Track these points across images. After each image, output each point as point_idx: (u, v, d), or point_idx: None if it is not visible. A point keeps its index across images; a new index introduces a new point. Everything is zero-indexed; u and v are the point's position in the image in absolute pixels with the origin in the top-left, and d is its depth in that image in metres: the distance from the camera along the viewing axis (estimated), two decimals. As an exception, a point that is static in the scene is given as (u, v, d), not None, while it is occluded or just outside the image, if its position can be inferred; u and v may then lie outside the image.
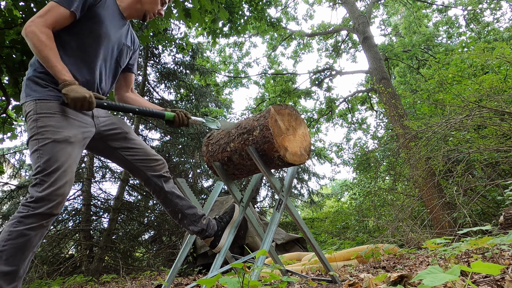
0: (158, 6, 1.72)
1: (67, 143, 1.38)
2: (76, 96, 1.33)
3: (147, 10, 1.70)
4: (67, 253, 7.82)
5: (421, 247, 4.10)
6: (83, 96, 1.34)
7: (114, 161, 1.69)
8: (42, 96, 1.39)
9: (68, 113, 1.43)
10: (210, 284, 1.17)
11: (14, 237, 1.24)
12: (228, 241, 1.92)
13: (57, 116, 1.39)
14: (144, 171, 1.68)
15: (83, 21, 1.49)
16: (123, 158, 1.65)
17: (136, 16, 1.71)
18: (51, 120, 1.38)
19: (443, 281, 0.80)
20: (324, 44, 15.10)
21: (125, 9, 1.65)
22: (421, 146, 5.68)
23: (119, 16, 1.63)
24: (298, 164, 2.01)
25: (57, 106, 1.40)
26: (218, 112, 13.54)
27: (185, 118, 1.69)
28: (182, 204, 1.75)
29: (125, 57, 1.71)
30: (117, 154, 1.65)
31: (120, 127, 1.64)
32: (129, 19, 1.70)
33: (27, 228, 1.25)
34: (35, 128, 1.36)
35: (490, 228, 1.77)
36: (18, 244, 1.24)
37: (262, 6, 6.78)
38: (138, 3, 1.67)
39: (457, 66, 7.75)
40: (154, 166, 1.70)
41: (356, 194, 11.44)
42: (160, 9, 1.75)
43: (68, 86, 1.34)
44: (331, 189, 20.95)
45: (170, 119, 1.67)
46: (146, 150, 1.70)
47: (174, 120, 1.67)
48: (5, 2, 3.74)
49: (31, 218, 1.27)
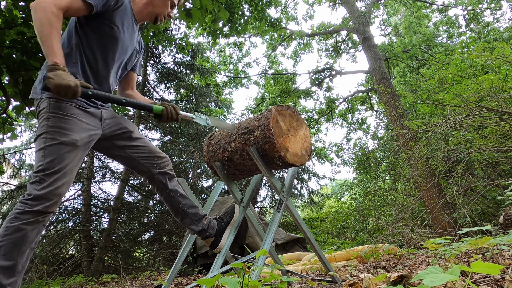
0: (168, 8, 1.74)
1: (74, 147, 1.41)
2: (61, 83, 1.26)
3: (158, 14, 1.72)
4: (67, 253, 7.82)
5: (421, 247, 4.11)
6: (67, 84, 1.27)
7: (119, 159, 1.70)
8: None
9: (78, 115, 1.45)
10: (210, 284, 1.17)
11: (11, 232, 1.27)
12: (228, 241, 1.92)
13: (68, 118, 1.41)
14: (149, 168, 1.69)
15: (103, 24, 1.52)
16: (128, 156, 1.67)
17: (148, 19, 1.74)
18: (62, 121, 1.40)
19: (443, 281, 0.80)
20: (324, 44, 15.11)
21: (138, 13, 1.68)
22: (421, 146, 5.68)
23: (133, 20, 1.66)
24: (298, 164, 2.01)
25: (69, 108, 1.43)
26: (218, 112, 13.54)
27: (174, 112, 1.65)
28: (184, 202, 1.77)
29: (134, 59, 1.76)
30: (122, 152, 1.66)
31: (125, 126, 1.67)
32: (140, 22, 1.73)
33: (23, 223, 1.28)
34: (46, 126, 1.39)
35: (490, 228, 1.77)
36: (15, 238, 1.27)
37: (262, 6, 6.78)
38: (150, 6, 1.69)
39: (457, 66, 7.76)
40: (159, 163, 1.72)
41: (356, 194, 11.44)
42: (170, 12, 1.77)
43: (55, 71, 1.27)
44: (331, 189, 20.96)
45: (158, 113, 1.63)
46: (150, 148, 1.72)
47: (162, 114, 1.64)
48: (5, 2, 3.74)
49: (27, 215, 1.30)
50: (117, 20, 1.55)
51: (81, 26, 1.52)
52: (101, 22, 1.52)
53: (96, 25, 1.52)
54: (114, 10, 1.54)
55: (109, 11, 1.52)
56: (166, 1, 1.73)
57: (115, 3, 1.53)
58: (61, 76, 1.27)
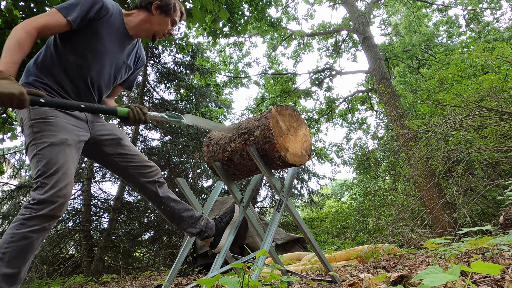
0: (168, 26, 1.69)
1: (65, 145, 1.39)
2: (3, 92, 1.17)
3: (156, 31, 1.68)
4: (67, 253, 7.83)
5: (421, 247, 4.11)
6: (10, 92, 1.18)
7: (108, 167, 1.67)
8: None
9: (61, 117, 1.43)
10: (210, 284, 1.17)
11: (17, 239, 1.24)
12: (228, 241, 1.92)
13: (51, 119, 1.40)
14: (138, 177, 1.66)
15: (83, 34, 1.49)
16: (117, 165, 1.64)
17: (144, 36, 1.69)
18: (46, 124, 1.38)
19: (443, 281, 0.80)
20: (324, 44, 15.12)
21: (131, 28, 1.63)
22: (421, 146, 5.68)
23: (123, 34, 1.61)
24: (298, 164, 2.01)
25: (50, 111, 1.41)
26: (218, 112, 13.54)
27: (141, 113, 1.56)
28: (178, 207, 1.74)
29: (124, 74, 1.71)
30: (111, 160, 1.63)
31: (114, 133, 1.64)
32: (136, 38, 1.69)
33: (30, 231, 1.25)
34: (32, 134, 1.37)
35: (490, 228, 1.77)
36: (21, 246, 1.24)
37: (262, 6, 6.78)
38: (147, 23, 1.65)
39: (457, 66, 7.76)
40: (147, 172, 1.68)
41: (356, 194, 11.44)
42: (171, 29, 1.72)
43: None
44: (331, 189, 20.95)
45: (123, 116, 1.53)
46: (139, 157, 1.68)
47: (129, 116, 1.54)
48: (5, 2, 3.74)
49: (34, 220, 1.27)
50: (99, 31, 1.50)
51: (61, 37, 1.48)
52: (83, 31, 1.48)
53: (77, 35, 1.48)
54: (97, 20, 1.49)
55: (90, 22, 1.48)
56: (166, 19, 1.66)
57: (98, 13, 1.48)
58: (2, 85, 1.18)
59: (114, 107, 1.53)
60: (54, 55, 1.48)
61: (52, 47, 1.49)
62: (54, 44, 1.49)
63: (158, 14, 1.64)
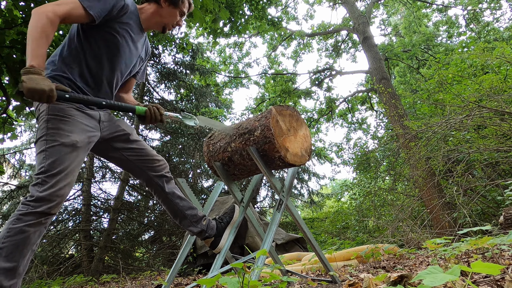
0: (177, 18, 1.72)
1: (74, 148, 1.41)
2: (35, 87, 1.21)
3: (166, 23, 1.71)
4: (67, 253, 7.82)
5: (421, 247, 4.11)
6: (41, 89, 1.22)
7: (116, 162, 1.69)
8: None
9: (77, 117, 1.44)
10: (210, 284, 1.17)
11: (13, 233, 1.27)
12: (228, 241, 1.92)
13: (67, 119, 1.41)
14: (146, 171, 1.69)
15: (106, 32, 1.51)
16: (125, 159, 1.66)
17: (155, 28, 1.72)
18: (62, 123, 1.40)
19: (443, 281, 0.80)
20: (324, 44, 15.12)
21: (144, 21, 1.67)
22: (421, 146, 5.68)
23: (138, 28, 1.64)
24: (298, 164, 2.01)
25: (68, 110, 1.42)
26: (218, 112, 13.53)
27: (158, 113, 1.61)
28: (182, 204, 1.76)
29: (137, 67, 1.76)
30: (119, 155, 1.65)
31: (123, 129, 1.66)
32: (147, 30, 1.72)
33: (25, 225, 1.28)
34: (45, 129, 1.38)
35: (490, 228, 1.77)
36: (17, 240, 1.27)
37: (263, 5, 6.78)
38: (157, 16, 1.68)
39: (457, 66, 7.76)
40: (155, 166, 1.71)
41: (356, 194, 11.43)
42: (179, 20, 1.75)
43: (29, 74, 1.22)
44: (331, 189, 20.94)
45: (141, 114, 1.59)
46: (147, 151, 1.71)
47: (146, 115, 1.59)
48: (5, 2, 3.74)
49: (30, 216, 1.29)
50: (120, 28, 1.54)
51: (83, 31, 1.50)
52: (103, 29, 1.50)
53: (98, 32, 1.50)
54: (118, 17, 1.52)
55: (113, 19, 1.51)
56: (175, 11, 1.69)
57: (119, 12, 1.51)
58: (35, 80, 1.22)
59: (133, 105, 1.57)
60: (78, 50, 1.50)
61: (76, 41, 1.50)
62: (77, 39, 1.50)
63: (167, 6, 1.68)
